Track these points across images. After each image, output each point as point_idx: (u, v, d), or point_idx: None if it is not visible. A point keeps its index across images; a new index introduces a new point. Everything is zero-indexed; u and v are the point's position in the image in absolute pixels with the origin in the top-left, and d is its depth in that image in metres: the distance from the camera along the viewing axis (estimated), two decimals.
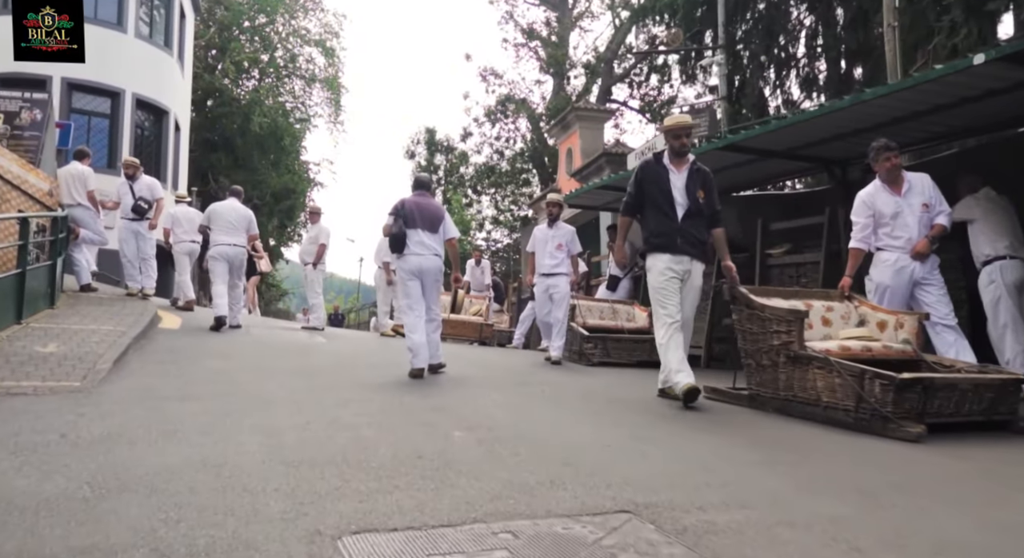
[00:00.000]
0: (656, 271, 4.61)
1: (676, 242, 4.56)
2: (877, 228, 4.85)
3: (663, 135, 4.80)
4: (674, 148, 4.68)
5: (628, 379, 6.02)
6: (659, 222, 4.61)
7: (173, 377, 5.12)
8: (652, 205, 4.67)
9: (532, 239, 7.50)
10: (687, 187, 4.61)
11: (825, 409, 3.95)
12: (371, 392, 4.63)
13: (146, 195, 9.01)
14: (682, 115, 4.89)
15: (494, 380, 5.56)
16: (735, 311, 4.65)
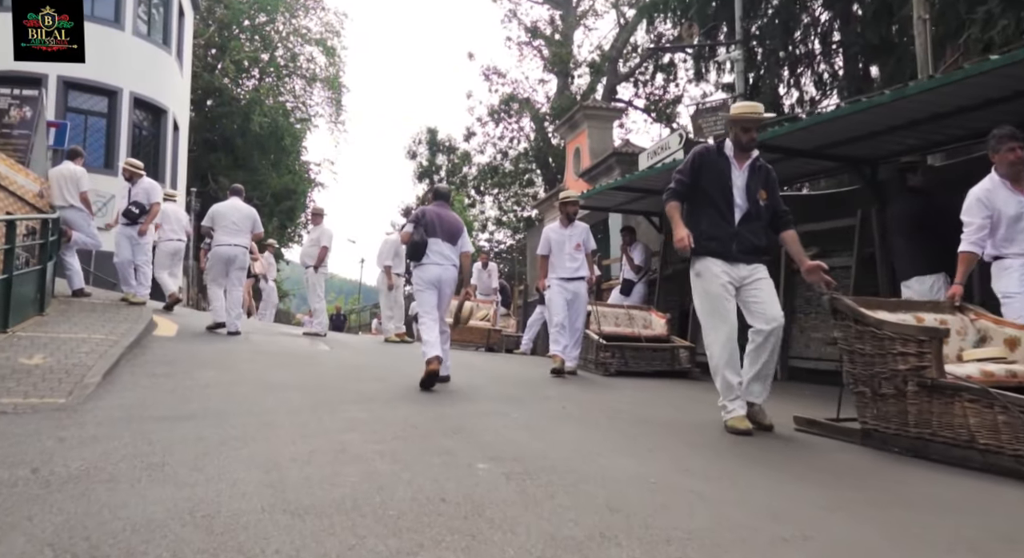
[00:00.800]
0: (708, 278, 4.06)
1: (731, 248, 4.04)
2: (993, 231, 4.23)
3: (728, 125, 4.20)
4: (741, 142, 4.12)
5: (653, 394, 5.65)
6: (713, 223, 4.08)
7: (166, 392, 4.76)
8: (706, 201, 4.11)
9: (544, 240, 6.97)
10: (748, 187, 4.11)
11: (984, 453, 3.16)
12: (380, 410, 4.26)
13: (141, 199, 8.62)
14: (755, 104, 4.27)
15: (510, 394, 5.20)
16: (840, 328, 3.86)
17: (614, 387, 5.84)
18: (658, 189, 9.45)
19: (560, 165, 25.07)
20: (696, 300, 4.20)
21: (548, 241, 6.92)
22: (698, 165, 4.18)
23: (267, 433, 3.49)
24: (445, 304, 5.71)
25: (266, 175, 28.59)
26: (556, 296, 6.77)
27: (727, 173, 4.11)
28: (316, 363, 6.54)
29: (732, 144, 4.18)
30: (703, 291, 4.13)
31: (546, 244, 6.95)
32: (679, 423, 4.26)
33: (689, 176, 4.20)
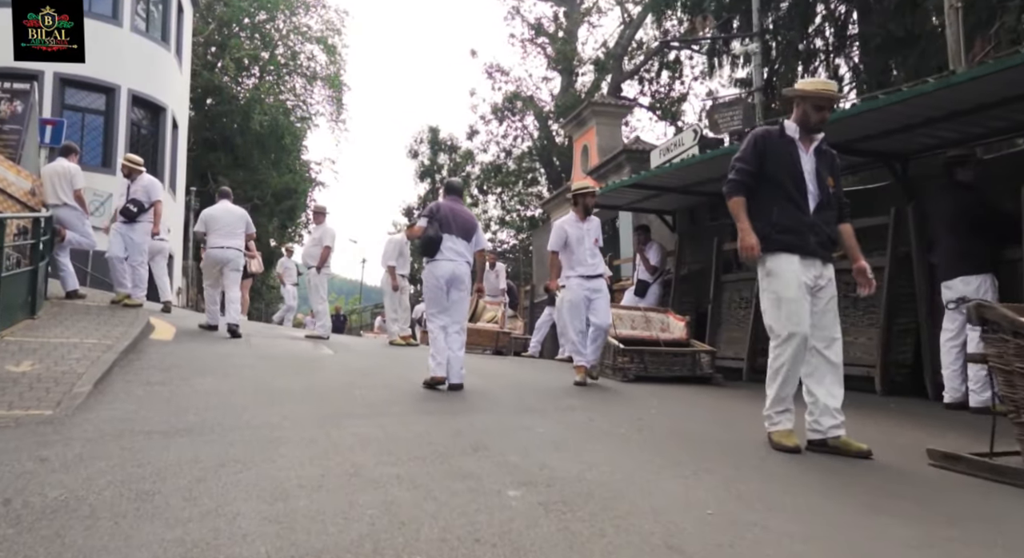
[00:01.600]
0: (783, 278, 3.56)
1: (809, 241, 3.56)
2: None
3: (796, 102, 3.72)
4: (810, 122, 3.66)
5: (682, 403, 5.31)
6: (787, 213, 3.59)
7: (161, 402, 4.44)
8: (775, 189, 3.63)
9: (559, 235, 6.19)
10: (817, 171, 3.70)
11: None
12: (392, 424, 3.93)
13: (140, 197, 8.27)
14: (828, 81, 3.81)
15: (530, 405, 4.87)
16: (992, 342, 3.21)
17: (637, 395, 5.50)
18: (673, 187, 9.14)
19: (565, 164, 24.75)
20: (765, 303, 3.68)
21: (564, 235, 6.17)
22: (761, 149, 3.69)
23: (271, 452, 3.16)
24: (460, 304, 5.50)
25: (266, 174, 28.29)
26: (575, 297, 6.05)
27: (795, 156, 3.68)
28: (320, 368, 6.21)
29: (798, 124, 3.72)
30: (775, 294, 3.59)
31: (561, 238, 6.17)
32: (719, 438, 3.93)
33: (753, 163, 3.68)
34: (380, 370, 6.37)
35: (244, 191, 26.85)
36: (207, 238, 8.00)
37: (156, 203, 8.30)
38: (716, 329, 8.30)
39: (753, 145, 3.74)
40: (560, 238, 6.18)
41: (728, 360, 7.76)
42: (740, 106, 9.49)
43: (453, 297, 5.44)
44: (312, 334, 9.31)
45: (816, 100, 3.67)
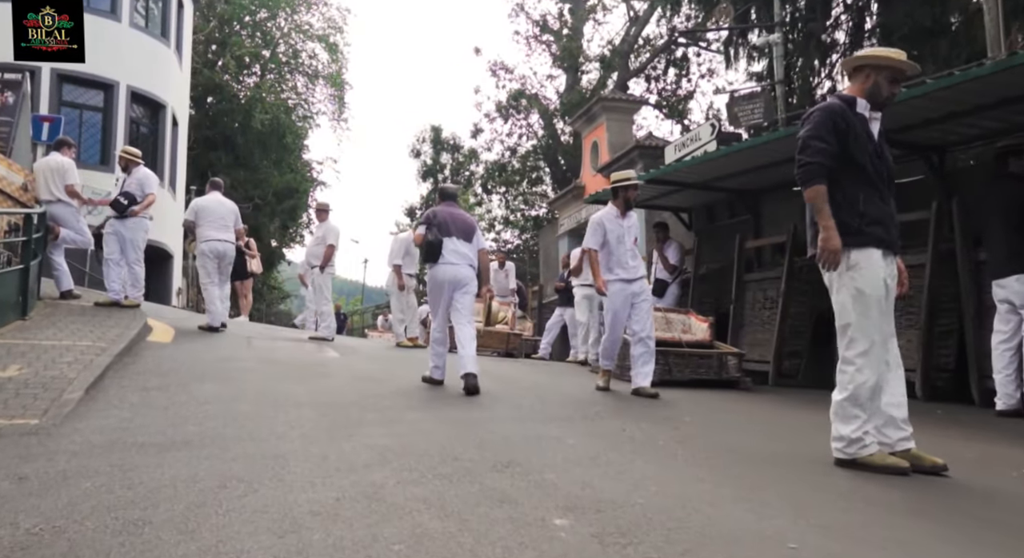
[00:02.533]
0: (869, 273, 3.15)
1: (893, 234, 3.18)
2: None
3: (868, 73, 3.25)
4: (881, 97, 3.25)
5: (717, 411, 4.96)
6: (873, 202, 3.16)
7: (157, 411, 4.09)
8: (858, 174, 3.17)
9: (597, 230, 5.61)
10: (885, 154, 3.30)
11: None
12: (409, 434, 3.59)
13: (133, 190, 7.89)
14: (900, 51, 3.37)
15: (555, 413, 4.52)
16: None
17: (667, 402, 5.15)
18: (692, 183, 8.81)
19: (571, 162, 24.40)
20: (845, 301, 3.18)
21: (603, 232, 5.57)
22: (842, 127, 3.20)
23: (278, 469, 2.81)
24: (468, 305, 5.43)
25: (267, 174, 27.99)
26: (619, 304, 5.50)
27: (871, 136, 3.23)
28: (327, 373, 5.86)
29: (867, 100, 3.27)
30: (858, 291, 3.14)
31: (600, 235, 5.57)
32: (770, 452, 3.58)
33: (833, 142, 3.17)
34: (389, 374, 6.03)
35: (245, 190, 26.55)
36: (199, 230, 7.77)
37: (148, 196, 7.91)
38: (738, 330, 7.96)
39: (832, 121, 3.22)
40: (599, 235, 5.59)
41: (752, 363, 7.41)
42: (760, 99, 9.15)
43: (458, 300, 5.38)
44: (316, 336, 8.96)
45: (894, 72, 3.26)
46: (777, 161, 7.72)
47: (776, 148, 7.25)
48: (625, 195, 5.69)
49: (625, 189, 5.69)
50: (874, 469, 3.06)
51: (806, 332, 7.22)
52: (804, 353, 7.15)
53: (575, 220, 14.59)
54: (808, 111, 3.31)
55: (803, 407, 5.51)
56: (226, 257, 7.89)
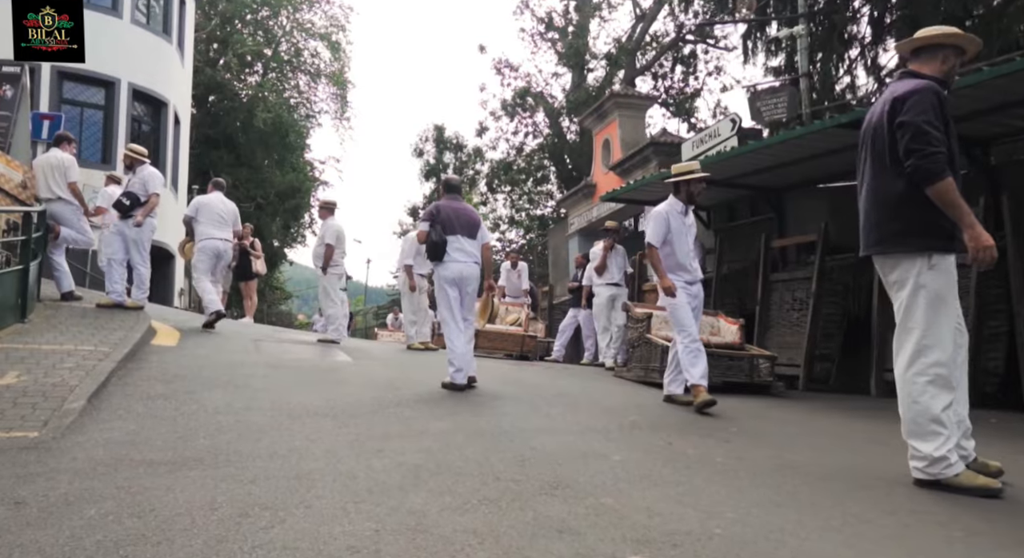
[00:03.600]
0: (950, 282, 2.93)
1: (958, 233, 2.91)
2: None
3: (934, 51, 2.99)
4: (951, 77, 3.05)
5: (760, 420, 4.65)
6: None
7: (165, 422, 3.80)
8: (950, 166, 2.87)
9: (662, 225, 4.98)
10: None
11: None
12: (439, 448, 3.31)
13: (136, 189, 7.60)
14: None
15: (588, 421, 4.23)
16: None
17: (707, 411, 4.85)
18: (714, 180, 8.50)
19: (577, 161, 24.11)
20: (920, 306, 2.89)
21: (666, 226, 4.97)
22: (943, 113, 2.89)
23: (303, 493, 2.52)
24: (469, 304, 5.37)
25: (270, 173, 27.70)
26: (682, 305, 4.94)
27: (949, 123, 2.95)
28: (342, 380, 5.57)
29: (943, 80, 2.99)
30: (936, 294, 2.87)
31: (664, 229, 4.96)
32: (838, 469, 3.28)
33: (942, 129, 2.86)
34: (407, 380, 5.73)
35: (247, 190, 26.26)
36: (199, 228, 7.66)
37: (152, 196, 7.61)
38: (764, 333, 7.67)
39: (933, 103, 2.87)
40: (662, 229, 4.98)
41: (780, 367, 7.11)
42: (784, 93, 8.85)
43: (463, 296, 5.31)
44: (324, 338, 8.67)
45: (960, 53, 3.00)
46: (802, 158, 7.44)
47: (802, 144, 6.98)
48: (688, 189, 5.10)
49: (688, 183, 5.09)
50: (962, 491, 2.77)
51: (837, 335, 6.94)
52: (835, 357, 6.86)
53: (586, 219, 14.31)
54: (900, 92, 2.97)
55: (846, 415, 5.22)
56: (224, 257, 7.82)
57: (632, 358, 6.85)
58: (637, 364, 6.64)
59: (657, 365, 6.19)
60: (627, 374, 6.83)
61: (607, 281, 8.64)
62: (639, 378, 6.48)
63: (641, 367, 6.48)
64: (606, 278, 8.65)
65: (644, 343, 6.48)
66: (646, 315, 6.66)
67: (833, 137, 6.41)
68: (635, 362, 6.72)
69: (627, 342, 7.12)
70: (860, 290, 6.86)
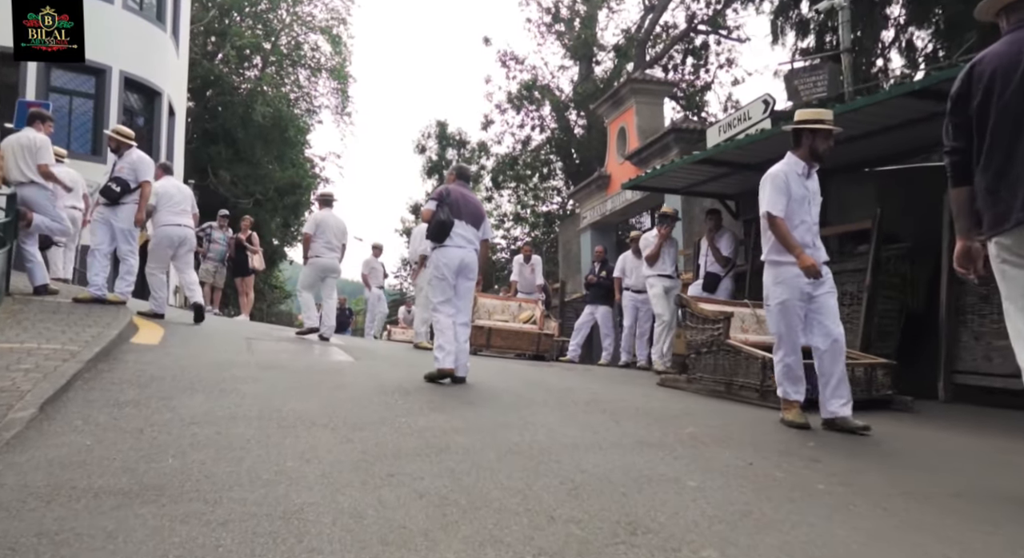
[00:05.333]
0: None
1: None
2: None
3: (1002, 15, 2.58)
4: None
5: (857, 442, 3.92)
6: None
7: (128, 436, 3.11)
8: None
9: (781, 188, 3.89)
10: None
11: None
12: (466, 470, 2.62)
13: (125, 175, 6.92)
14: None
15: (639, 433, 3.54)
16: None
17: (770, 418, 4.15)
18: (750, 164, 7.82)
19: (584, 156, 23.41)
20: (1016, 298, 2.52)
21: (786, 191, 3.86)
22: None
23: (292, 544, 1.83)
24: (468, 294, 5.16)
25: (269, 169, 27.02)
26: (792, 295, 3.85)
27: None
28: (342, 383, 4.87)
29: None
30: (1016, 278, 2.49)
31: (784, 194, 3.85)
32: (974, 495, 2.59)
33: None
34: (417, 383, 5.03)
35: (246, 186, 25.61)
36: (157, 216, 7.31)
37: (144, 184, 6.92)
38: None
39: None
40: (782, 194, 3.84)
41: None
42: (824, 70, 8.15)
43: (461, 286, 5.10)
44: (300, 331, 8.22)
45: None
46: (850, 137, 6.76)
47: (858, 119, 6.29)
48: (813, 143, 3.91)
49: (814, 134, 3.92)
50: None
51: (895, 333, 6.24)
52: (893, 357, 6.15)
53: (599, 212, 13.61)
54: None
55: (929, 425, 4.53)
56: (187, 243, 7.47)
57: (697, 366, 5.68)
58: (708, 375, 5.50)
59: (751, 380, 4.97)
60: (686, 384, 5.72)
61: (661, 272, 7.88)
62: (710, 392, 5.35)
63: (714, 379, 5.41)
64: (659, 268, 7.89)
65: (722, 350, 5.32)
66: (721, 314, 5.49)
67: (897, 110, 5.73)
68: (701, 371, 5.59)
69: (692, 346, 5.78)
70: (919, 282, 6.17)
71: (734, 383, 5.17)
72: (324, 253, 7.85)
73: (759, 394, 4.88)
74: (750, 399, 4.96)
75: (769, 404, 4.62)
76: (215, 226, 12.19)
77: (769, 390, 4.70)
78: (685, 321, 6.01)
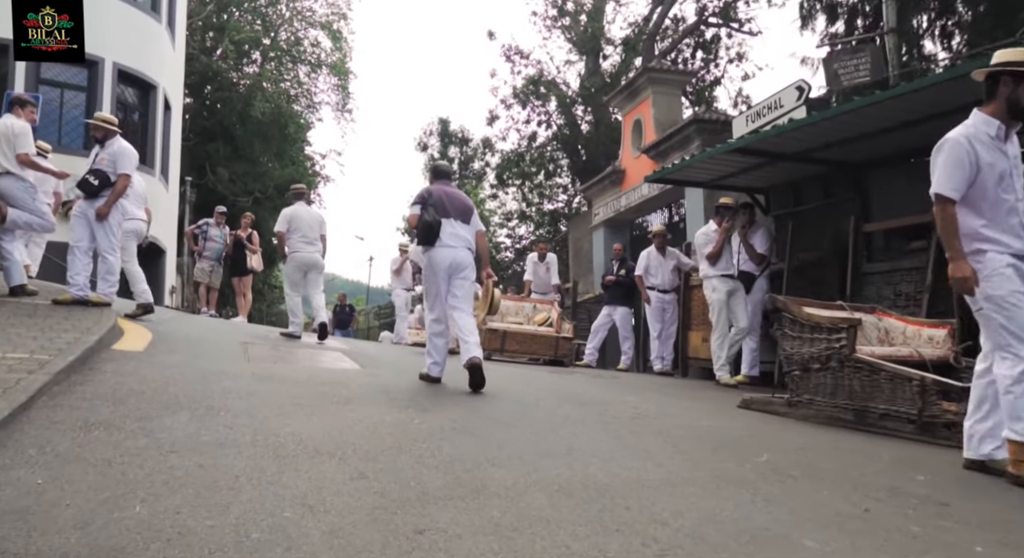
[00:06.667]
0: None
1: None
2: None
3: None
4: None
5: (935, 455, 3.31)
6: None
7: (92, 470, 2.53)
8: None
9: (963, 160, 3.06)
10: None
11: None
12: (521, 525, 2.04)
13: (105, 167, 6.35)
14: None
15: (708, 463, 2.95)
16: None
17: (855, 445, 3.56)
18: (790, 154, 7.23)
19: (592, 153, 22.81)
20: None
21: (971, 162, 3.01)
22: None
23: None
24: (467, 292, 5.00)
25: (268, 166, 26.46)
26: (1011, 289, 2.95)
27: None
28: (349, 397, 4.27)
29: None
30: None
31: (965, 169, 3.01)
32: None
33: None
34: (435, 396, 4.45)
35: (245, 184, 25.06)
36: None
37: (121, 177, 6.34)
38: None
39: None
40: (959, 169, 3.01)
41: None
42: (866, 53, 7.54)
43: (456, 286, 4.96)
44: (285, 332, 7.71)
45: None
46: (890, 127, 6.20)
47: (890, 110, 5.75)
48: (1015, 94, 3.04)
49: (1018, 82, 3.04)
50: None
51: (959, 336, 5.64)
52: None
53: (613, 209, 13.02)
54: None
55: None
56: (140, 234, 7.46)
57: (803, 387, 4.64)
58: (823, 398, 4.47)
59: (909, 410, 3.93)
60: (785, 409, 4.71)
61: (723, 271, 6.96)
62: (828, 419, 4.39)
63: (835, 404, 4.40)
64: (721, 267, 6.96)
65: (847, 368, 4.28)
66: (842, 322, 4.43)
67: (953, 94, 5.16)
68: (812, 393, 4.57)
69: (794, 360, 4.71)
70: None
71: (870, 410, 4.12)
72: (301, 248, 7.53)
73: (917, 426, 3.87)
74: (900, 432, 3.96)
75: (929, 439, 3.78)
76: (212, 223, 11.65)
77: (933, 421, 3.80)
78: (782, 328, 4.85)
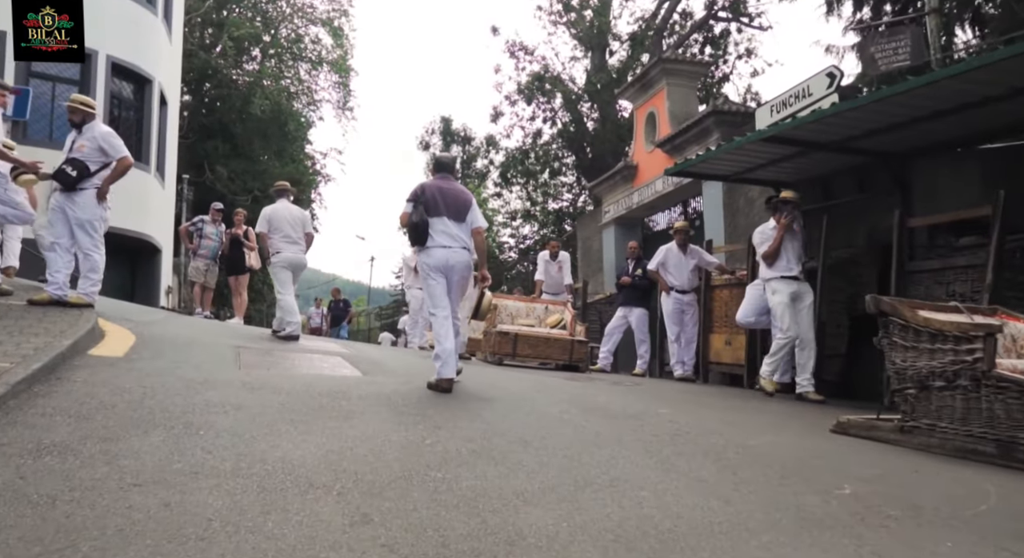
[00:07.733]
0: None
1: None
2: None
3: None
4: None
5: None
6: None
7: (31, 512, 2.04)
8: None
9: None
10: None
11: None
12: None
13: (86, 155, 5.81)
14: None
15: (776, 496, 2.45)
16: None
17: (960, 476, 3.06)
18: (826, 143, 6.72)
19: (598, 150, 22.32)
20: None
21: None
22: None
23: None
24: (457, 295, 4.90)
25: (268, 165, 25.96)
26: None
27: None
28: (349, 411, 3.76)
29: None
30: None
31: None
32: None
33: None
34: (446, 409, 3.95)
35: (244, 182, 24.56)
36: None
37: (121, 160, 5.87)
38: None
39: None
40: None
41: None
42: (906, 35, 7.02)
43: (450, 286, 4.83)
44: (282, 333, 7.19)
45: None
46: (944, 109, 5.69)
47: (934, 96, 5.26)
48: None
49: None
50: None
51: None
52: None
53: (624, 206, 12.51)
54: None
55: None
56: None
57: (921, 409, 3.83)
58: (950, 425, 3.68)
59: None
60: (896, 436, 3.88)
61: (783, 272, 6.29)
62: (957, 451, 3.59)
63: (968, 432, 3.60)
64: (780, 268, 6.30)
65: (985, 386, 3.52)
66: (977, 329, 3.61)
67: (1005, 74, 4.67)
68: (933, 418, 3.76)
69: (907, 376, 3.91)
70: None
71: (1020, 442, 3.33)
72: (285, 247, 7.35)
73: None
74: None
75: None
76: (207, 220, 11.18)
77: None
78: (890, 336, 4.03)
